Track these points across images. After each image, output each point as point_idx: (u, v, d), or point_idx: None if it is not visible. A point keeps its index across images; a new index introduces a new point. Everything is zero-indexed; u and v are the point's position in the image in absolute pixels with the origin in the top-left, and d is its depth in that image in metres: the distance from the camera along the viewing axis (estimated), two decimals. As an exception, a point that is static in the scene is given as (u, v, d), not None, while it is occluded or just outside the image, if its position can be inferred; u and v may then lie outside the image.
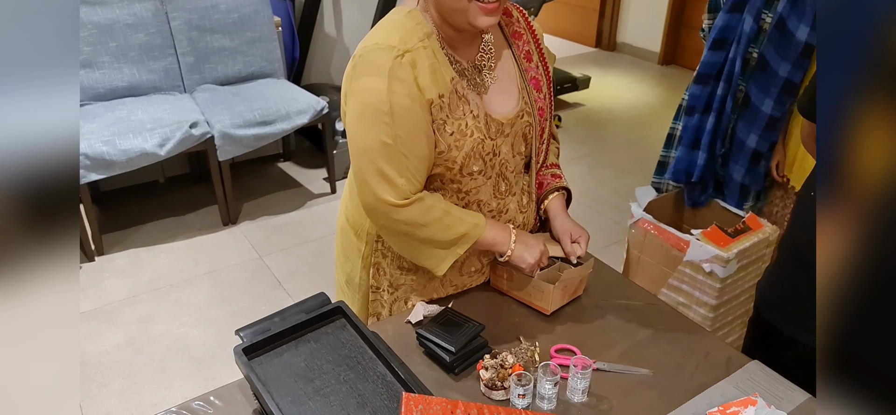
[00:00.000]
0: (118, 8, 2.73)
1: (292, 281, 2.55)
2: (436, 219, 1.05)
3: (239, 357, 0.97)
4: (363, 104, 0.99)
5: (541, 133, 1.18)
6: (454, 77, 1.04)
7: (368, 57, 1.00)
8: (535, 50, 1.17)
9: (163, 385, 2.03)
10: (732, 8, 1.91)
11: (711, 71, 1.99)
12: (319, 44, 3.71)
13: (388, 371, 0.98)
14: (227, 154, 2.72)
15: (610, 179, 3.47)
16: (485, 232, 1.08)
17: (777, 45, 1.84)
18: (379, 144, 1.00)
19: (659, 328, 1.16)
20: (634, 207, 2.10)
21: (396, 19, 1.03)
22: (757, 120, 1.94)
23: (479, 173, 1.09)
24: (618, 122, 4.24)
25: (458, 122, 1.04)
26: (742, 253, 1.87)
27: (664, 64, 5.39)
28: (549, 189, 1.24)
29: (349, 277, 1.25)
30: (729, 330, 2.04)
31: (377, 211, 1.05)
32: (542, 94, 1.16)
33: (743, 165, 2.04)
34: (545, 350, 1.09)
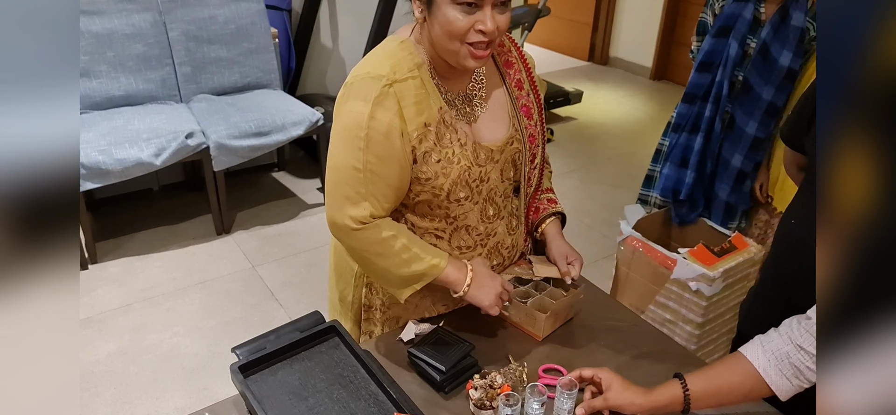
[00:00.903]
0: (117, 18, 2.75)
1: (285, 291, 2.56)
2: (394, 252, 1.07)
3: (235, 375, 1.00)
4: (343, 126, 1.04)
5: (531, 159, 1.21)
6: (442, 107, 1.07)
7: (358, 85, 1.04)
8: (527, 78, 1.21)
9: (154, 395, 2.04)
10: (718, 33, 1.97)
11: (698, 91, 2.05)
12: (315, 55, 3.75)
13: (380, 390, 1.01)
14: (222, 164, 2.74)
15: (600, 194, 3.52)
16: (444, 272, 1.10)
17: (761, 70, 1.91)
18: (348, 167, 1.04)
19: (643, 350, 1.20)
20: (623, 224, 2.14)
21: (388, 49, 1.07)
22: (741, 141, 2.01)
23: (466, 199, 1.12)
24: (609, 136, 4.29)
25: (445, 150, 1.07)
26: (727, 272, 1.91)
27: (656, 79, 5.46)
28: (545, 214, 1.27)
29: (342, 295, 1.28)
30: (714, 347, 2.08)
31: (336, 227, 1.09)
32: (532, 121, 1.20)
33: (728, 184, 2.10)
34: (533, 370, 1.13)
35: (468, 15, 0.97)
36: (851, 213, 0.66)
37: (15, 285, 0.63)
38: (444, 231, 1.15)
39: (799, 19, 1.85)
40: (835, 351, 0.68)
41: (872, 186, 0.64)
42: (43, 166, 0.64)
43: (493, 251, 1.20)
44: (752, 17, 1.91)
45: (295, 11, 3.55)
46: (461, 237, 1.16)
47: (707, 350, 2.05)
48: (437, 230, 1.15)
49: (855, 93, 0.65)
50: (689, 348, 1.84)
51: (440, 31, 1.00)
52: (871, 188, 0.64)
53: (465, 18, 0.97)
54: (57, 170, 0.65)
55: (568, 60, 5.98)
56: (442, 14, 0.98)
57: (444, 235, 1.15)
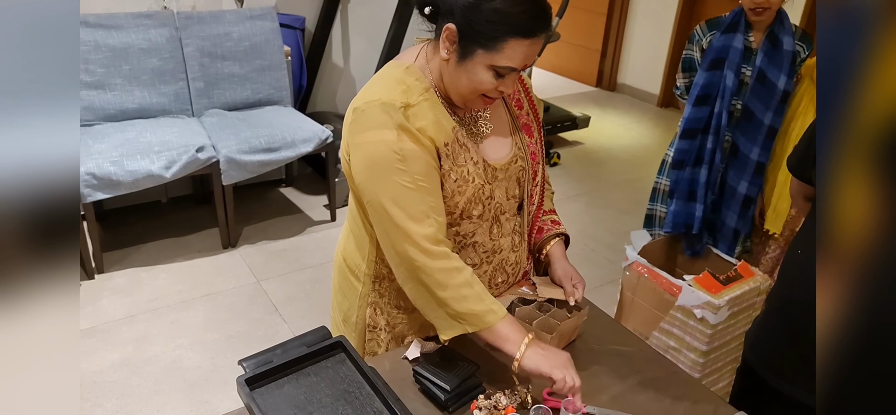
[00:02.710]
0: (134, 33, 2.81)
1: (289, 307, 2.57)
2: (456, 284, 1.03)
3: (241, 387, 1.00)
4: (372, 157, 1.02)
5: (533, 176, 1.23)
6: (455, 126, 1.09)
7: (372, 112, 1.02)
8: (525, 97, 1.23)
9: (156, 407, 2.03)
10: (712, 66, 2.01)
11: (698, 125, 2.08)
12: (327, 73, 3.80)
13: (385, 407, 1.01)
14: (231, 178, 2.76)
15: (606, 219, 3.52)
16: (498, 323, 1.04)
17: (760, 96, 1.96)
18: (399, 189, 1.01)
19: (648, 375, 1.20)
20: (629, 249, 2.14)
21: (396, 75, 1.07)
22: (747, 167, 2.05)
23: (478, 217, 1.13)
24: (616, 161, 4.31)
25: (461, 168, 1.08)
26: (733, 301, 1.90)
27: (663, 106, 5.49)
28: (549, 235, 1.28)
29: (346, 316, 1.27)
30: (718, 376, 2.06)
31: (406, 256, 1.03)
32: (533, 139, 1.22)
33: (735, 211, 2.13)
34: (538, 393, 1.12)
35: (497, 79, 1.00)
36: (852, 245, 0.66)
37: (15, 296, 0.63)
38: (452, 250, 1.16)
39: (789, 43, 1.92)
40: (836, 380, 0.68)
41: (872, 219, 0.65)
42: (44, 178, 0.64)
43: (498, 268, 1.21)
44: (743, 46, 1.95)
45: (308, 30, 3.61)
46: (468, 255, 1.17)
47: (712, 378, 2.03)
48: None
49: (854, 127, 0.66)
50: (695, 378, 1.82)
51: (466, 83, 1.02)
52: (871, 221, 0.65)
53: (494, 81, 1.00)
54: (58, 181, 0.65)
55: (576, 86, 6.02)
56: (474, 73, 1.00)
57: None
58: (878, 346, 0.65)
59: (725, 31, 1.98)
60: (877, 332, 0.66)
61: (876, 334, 0.66)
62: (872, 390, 0.67)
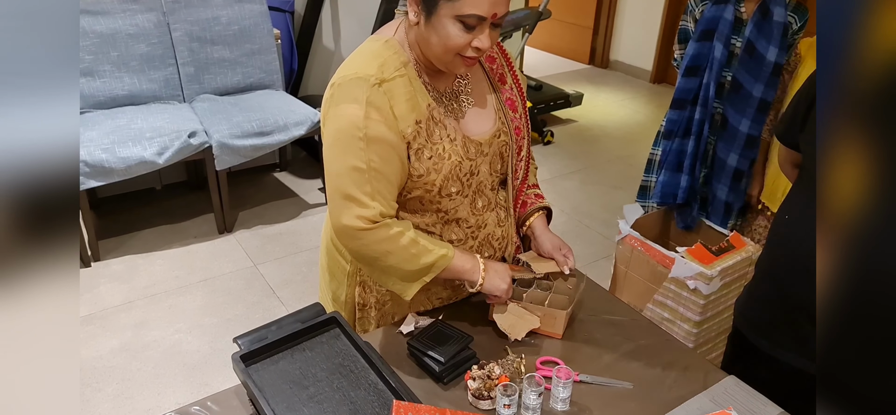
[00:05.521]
0: (121, 18, 2.78)
1: (286, 290, 2.58)
2: (402, 247, 1.06)
3: (237, 364, 1.01)
4: (339, 130, 1.03)
5: (518, 151, 1.23)
6: (430, 104, 1.09)
7: (346, 86, 1.03)
8: (509, 72, 1.23)
9: (156, 391, 2.05)
10: (701, 37, 2.00)
11: (687, 96, 2.08)
12: (317, 56, 3.77)
13: (380, 380, 1.02)
14: (224, 163, 2.76)
15: (600, 195, 3.53)
16: (453, 262, 1.10)
17: (749, 68, 1.95)
18: (350, 169, 1.03)
19: (640, 343, 1.21)
20: (622, 223, 2.16)
21: (374, 49, 1.07)
22: (736, 140, 2.04)
23: (457, 194, 1.14)
24: (609, 138, 4.31)
25: (436, 146, 1.08)
26: (725, 271, 1.92)
27: (656, 82, 5.48)
28: (532, 208, 1.29)
29: (335, 295, 1.28)
30: (712, 346, 2.09)
31: (345, 232, 1.06)
32: (517, 114, 1.22)
33: (726, 183, 2.12)
34: (531, 362, 1.14)
35: (467, 32, 0.99)
36: (850, 210, 0.67)
37: (16, 283, 0.63)
38: (436, 226, 1.16)
39: (780, 14, 1.89)
40: (835, 346, 0.68)
41: (871, 183, 0.65)
42: (43, 164, 0.65)
43: (484, 243, 1.22)
44: (733, 17, 1.95)
45: (297, 13, 3.57)
46: (452, 231, 1.18)
47: (705, 348, 2.06)
48: (428, 225, 1.16)
49: (853, 87, 0.66)
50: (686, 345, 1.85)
51: (437, 42, 1.01)
52: (871, 185, 0.65)
53: (463, 35, 0.99)
54: (57, 168, 0.66)
55: (568, 63, 6.00)
56: (442, 27, 0.99)
57: (436, 230, 1.17)
58: (877, 307, 0.66)
59: (717, 2, 1.97)
60: (876, 292, 0.66)
61: (875, 295, 0.66)
62: (872, 353, 0.67)
